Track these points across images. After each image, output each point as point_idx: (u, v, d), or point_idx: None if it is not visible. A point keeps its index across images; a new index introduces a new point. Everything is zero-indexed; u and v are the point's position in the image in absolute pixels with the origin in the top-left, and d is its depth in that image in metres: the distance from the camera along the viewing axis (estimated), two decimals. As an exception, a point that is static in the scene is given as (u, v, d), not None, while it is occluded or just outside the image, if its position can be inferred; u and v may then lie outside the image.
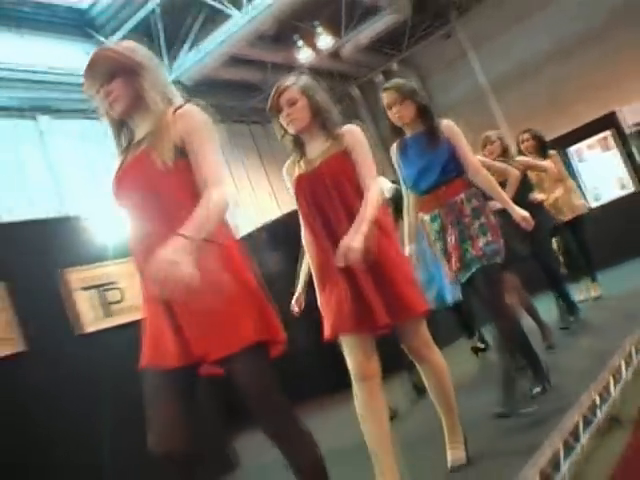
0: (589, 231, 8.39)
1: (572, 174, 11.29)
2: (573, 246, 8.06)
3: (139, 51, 2.84)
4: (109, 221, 5.80)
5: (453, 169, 4.36)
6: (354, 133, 3.57)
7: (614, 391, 4.29)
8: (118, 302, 6.15)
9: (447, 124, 4.46)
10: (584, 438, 3.73)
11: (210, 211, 2.54)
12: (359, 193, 3.45)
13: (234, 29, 13.58)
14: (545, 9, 16.97)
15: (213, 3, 13.41)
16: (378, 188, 3.53)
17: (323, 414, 6.52)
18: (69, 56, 13.25)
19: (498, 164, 6.13)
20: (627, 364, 4.63)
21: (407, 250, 4.64)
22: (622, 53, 15.91)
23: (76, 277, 5.90)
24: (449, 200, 4.35)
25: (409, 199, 4.69)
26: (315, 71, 16.90)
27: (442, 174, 4.34)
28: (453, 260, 4.37)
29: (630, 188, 11.36)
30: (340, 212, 3.45)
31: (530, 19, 17.21)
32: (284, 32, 15.76)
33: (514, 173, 6.01)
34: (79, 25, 14.07)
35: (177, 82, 14.69)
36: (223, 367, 2.67)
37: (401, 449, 3.74)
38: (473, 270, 4.31)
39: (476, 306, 6.31)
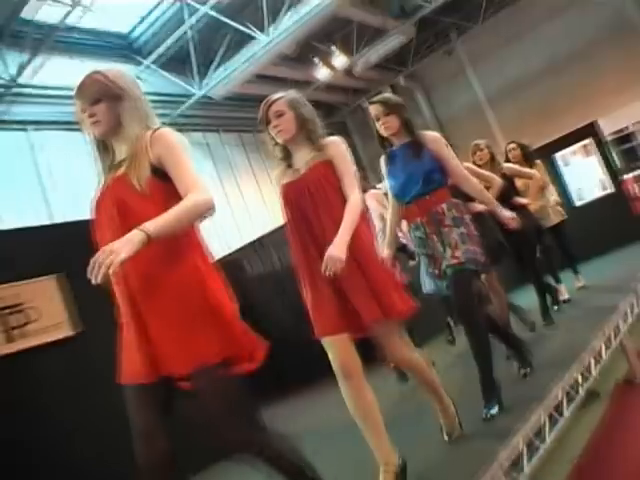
0: (574, 227, 8.42)
1: (559, 177, 11.39)
2: (554, 247, 7.90)
3: (125, 78, 2.78)
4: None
5: (436, 180, 4.16)
6: (337, 144, 3.44)
7: (594, 370, 4.30)
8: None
9: (432, 136, 4.27)
10: (567, 411, 3.76)
11: (182, 211, 2.45)
12: (341, 200, 3.33)
13: (258, 50, 13.62)
14: (535, 31, 16.94)
15: (240, 27, 13.42)
16: (359, 196, 3.37)
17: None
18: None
19: (483, 172, 6.05)
20: (606, 347, 4.65)
21: (384, 255, 4.43)
22: (602, 71, 15.89)
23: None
24: (431, 209, 4.14)
25: (392, 208, 4.50)
26: (331, 87, 17.10)
27: (425, 184, 4.14)
28: (438, 267, 4.19)
29: (608, 189, 11.41)
30: (323, 217, 3.31)
31: (522, 40, 17.19)
32: (303, 52, 15.79)
33: (497, 181, 5.93)
34: (121, 48, 14.19)
35: (207, 97, 14.76)
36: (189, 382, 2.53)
37: (406, 421, 3.76)
38: (449, 274, 4.11)
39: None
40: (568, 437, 3.88)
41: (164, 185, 2.58)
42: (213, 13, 13.01)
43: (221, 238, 13.83)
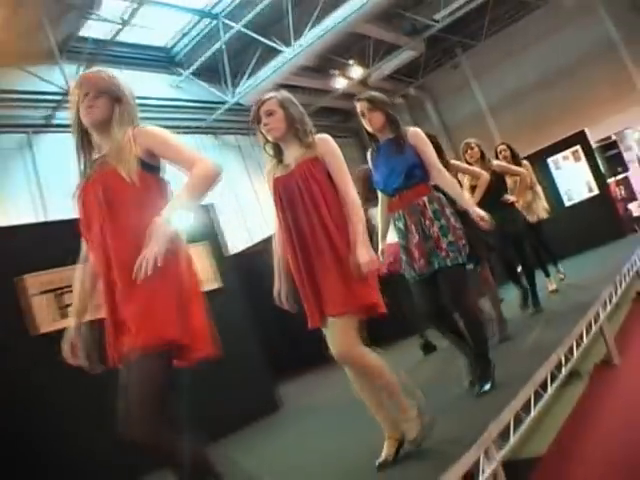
0: (563, 225, 8.38)
1: (550, 180, 11.38)
2: (535, 243, 7.56)
3: (126, 85, 2.73)
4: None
5: (417, 174, 3.92)
6: (325, 141, 3.23)
7: (576, 352, 4.33)
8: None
9: (414, 132, 4.01)
10: (551, 388, 3.79)
11: (195, 185, 2.42)
12: (328, 195, 3.12)
13: (283, 62, 13.65)
14: (531, 49, 16.92)
15: (267, 42, 13.49)
16: (355, 193, 3.18)
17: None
18: (155, 84, 13.49)
19: (471, 168, 5.96)
20: (587, 331, 4.67)
21: (380, 247, 4.30)
22: (590, 86, 15.89)
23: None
24: (412, 202, 3.93)
25: (382, 201, 4.24)
26: (347, 95, 17.13)
27: (406, 178, 3.91)
28: (417, 257, 3.91)
29: (595, 191, 11.39)
30: (309, 213, 3.09)
31: (520, 56, 17.14)
32: (323, 64, 15.80)
33: (484, 176, 5.77)
34: (162, 60, 14.26)
35: (238, 104, 14.82)
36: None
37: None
38: (436, 267, 3.86)
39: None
40: (552, 411, 3.93)
41: (150, 176, 2.55)
42: (245, 30, 13.08)
43: (251, 232, 13.91)
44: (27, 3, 9.86)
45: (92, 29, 11.43)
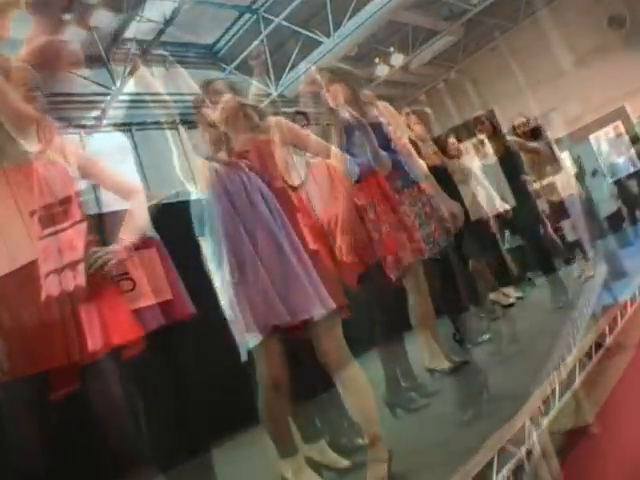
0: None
1: (593, 156, 11.20)
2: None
3: None
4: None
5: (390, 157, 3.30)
6: (280, 121, 2.87)
7: (620, 322, 4.31)
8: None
9: (384, 106, 3.43)
10: (595, 358, 3.79)
11: (143, 216, 2.50)
12: (275, 179, 2.73)
13: (324, 52, 13.65)
14: (568, 28, 16.63)
15: (308, 33, 13.53)
16: (334, 148, 2.89)
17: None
18: (199, 81, 13.63)
19: (456, 164, 5.15)
20: (632, 302, 4.65)
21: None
22: (628, 60, 15.59)
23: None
24: (385, 188, 3.31)
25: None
26: (389, 82, 17.06)
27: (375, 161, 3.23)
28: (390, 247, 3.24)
29: (638, 166, 11.22)
30: (265, 196, 2.65)
31: (557, 36, 16.87)
32: (364, 53, 15.77)
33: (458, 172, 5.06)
34: (206, 57, 14.37)
35: (282, 96, 14.90)
36: None
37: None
38: (405, 263, 3.23)
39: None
40: (599, 381, 3.92)
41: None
42: (285, 23, 13.13)
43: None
44: (75, 9, 10.07)
45: (135, 30, 11.56)
